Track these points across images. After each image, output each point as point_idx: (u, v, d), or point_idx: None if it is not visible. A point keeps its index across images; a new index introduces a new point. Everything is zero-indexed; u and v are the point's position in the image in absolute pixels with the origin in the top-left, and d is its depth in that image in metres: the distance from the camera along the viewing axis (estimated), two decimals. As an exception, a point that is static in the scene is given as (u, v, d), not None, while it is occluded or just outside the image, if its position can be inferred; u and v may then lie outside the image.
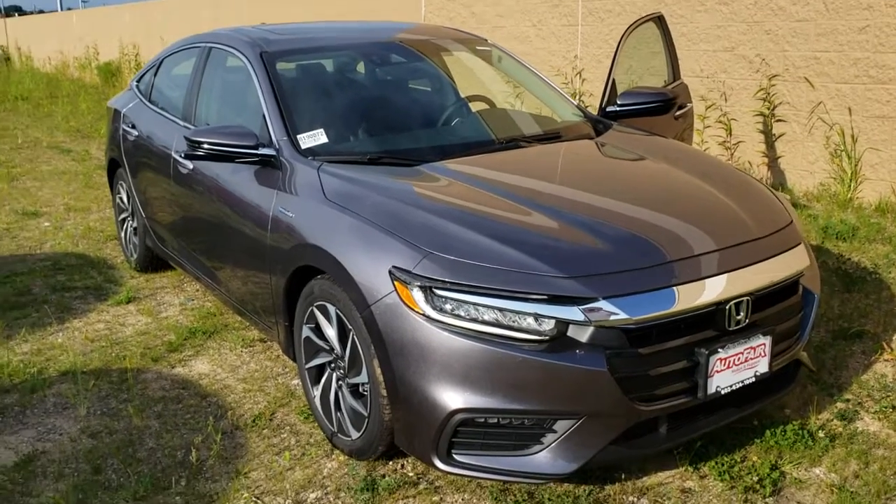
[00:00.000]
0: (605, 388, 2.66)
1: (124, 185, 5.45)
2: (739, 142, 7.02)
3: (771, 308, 3.01)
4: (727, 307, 2.82)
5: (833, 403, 3.61)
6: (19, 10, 71.98)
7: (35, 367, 4.21)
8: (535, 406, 2.68)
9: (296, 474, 3.20)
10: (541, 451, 2.74)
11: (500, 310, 2.69)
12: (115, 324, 4.79)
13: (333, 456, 3.31)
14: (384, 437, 3.00)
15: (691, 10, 7.24)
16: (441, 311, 2.71)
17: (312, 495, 3.07)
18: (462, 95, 4.36)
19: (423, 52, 4.51)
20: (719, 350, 2.82)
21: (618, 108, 4.49)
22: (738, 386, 2.92)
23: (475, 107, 4.26)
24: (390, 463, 3.21)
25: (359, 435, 3.12)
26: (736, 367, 2.89)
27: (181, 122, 4.57)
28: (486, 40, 4.77)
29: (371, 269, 2.88)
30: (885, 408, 3.51)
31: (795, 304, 3.14)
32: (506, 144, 3.78)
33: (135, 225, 5.41)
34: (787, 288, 3.09)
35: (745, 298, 2.87)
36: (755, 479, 3.03)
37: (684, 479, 3.08)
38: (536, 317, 2.68)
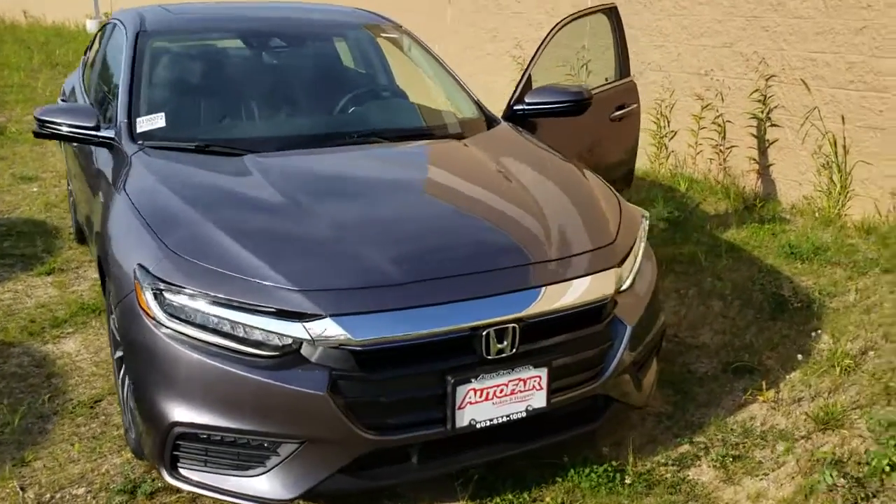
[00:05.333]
0: (324, 413, 2.47)
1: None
2: (732, 146, 6.52)
3: (550, 338, 2.72)
4: (483, 334, 2.56)
5: (677, 445, 3.28)
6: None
7: (-78, 332, 4.30)
8: (253, 427, 2.52)
9: (76, 468, 3.14)
10: (263, 473, 2.59)
11: (229, 321, 2.52)
12: (22, 294, 4.85)
13: (123, 453, 3.22)
14: (144, 439, 2.89)
15: (693, 2, 6.75)
16: (171, 316, 2.58)
17: (77, 491, 3.00)
18: (348, 84, 4.14)
19: (321, 37, 4.34)
20: (472, 380, 2.58)
21: (525, 107, 4.20)
22: (502, 420, 2.66)
23: (360, 97, 4.03)
24: (169, 465, 3.09)
25: (133, 434, 3.02)
26: (498, 400, 2.64)
27: (84, 100, 4.56)
28: (400, 27, 4.54)
29: (124, 263, 2.78)
30: (726, 456, 3.16)
31: (594, 334, 2.83)
32: (356, 139, 3.59)
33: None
34: (580, 316, 2.79)
35: (509, 325, 2.60)
36: (531, 522, 2.77)
37: (455, 515, 2.84)
38: (263, 331, 2.50)
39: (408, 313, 2.52)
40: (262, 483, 2.57)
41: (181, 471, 2.64)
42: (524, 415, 2.70)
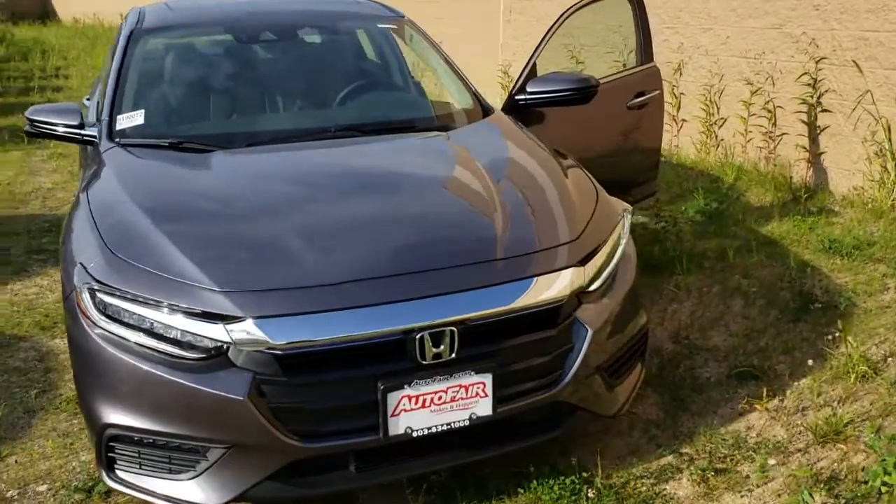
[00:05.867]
0: (246, 418, 2.39)
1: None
2: (783, 133, 6.14)
3: (495, 342, 2.56)
4: (417, 338, 2.43)
5: (660, 456, 3.06)
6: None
7: (-55, 324, 4.44)
8: (180, 430, 2.47)
9: (45, 464, 3.16)
10: (193, 478, 2.53)
11: (160, 323, 2.48)
12: (46, 290, 4.97)
13: (92, 451, 3.20)
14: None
15: (742, -19, 6.38)
16: (105, 317, 2.54)
17: (40, 488, 3.02)
18: (335, 77, 4.03)
19: (316, 30, 4.25)
20: (405, 386, 2.45)
21: (528, 97, 4.02)
22: (442, 428, 2.53)
23: (346, 90, 3.91)
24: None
25: (97, 432, 3.02)
26: (437, 407, 2.51)
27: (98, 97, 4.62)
28: (402, 16, 4.42)
29: (73, 260, 2.75)
30: (709, 469, 2.93)
31: (548, 338, 2.65)
32: (332, 134, 3.50)
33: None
34: (529, 318, 2.61)
35: (447, 329, 2.46)
36: (482, 535, 2.63)
37: (403, 526, 2.73)
38: (190, 333, 2.45)
39: (332, 316, 2.41)
40: (191, 488, 2.51)
41: (118, 472, 2.60)
42: (467, 423, 2.55)
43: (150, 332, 2.49)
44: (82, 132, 3.53)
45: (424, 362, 2.46)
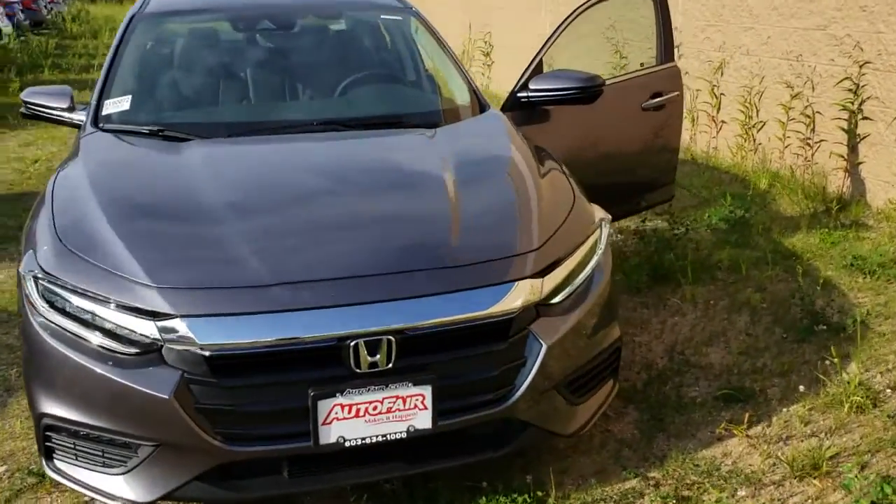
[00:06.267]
0: (171, 418, 2.34)
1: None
2: (821, 140, 5.84)
3: (437, 353, 2.46)
4: (352, 345, 2.34)
5: (625, 479, 2.91)
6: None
7: (-50, 297, 4.53)
8: (110, 425, 2.44)
9: (10, 445, 3.19)
10: (124, 473, 2.49)
11: (98, 316, 2.45)
12: (56, 267, 5.01)
13: (58, 433, 3.23)
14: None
15: (788, -21, 6.09)
16: (49, 306, 2.52)
17: (-2, 469, 3.04)
18: (328, 69, 3.92)
19: (318, 19, 4.17)
20: (338, 395, 2.37)
21: (530, 94, 3.89)
22: (378, 439, 2.44)
23: (337, 82, 3.82)
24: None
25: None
26: (372, 418, 2.42)
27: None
28: (409, 7, 4.31)
29: (28, 246, 2.74)
30: (671, 497, 2.77)
31: (496, 352, 2.52)
32: (314, 127, 3.42)
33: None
34: (475, 330, 2.49)
35: (383, 338, 2.36)
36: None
37: (339, 535, 2.65)
38: (124, 328, 2.41)
39: (262, 318, 2.34)
40: (122, 483, 2.48)
41: (56, 462, 2.58)
42: (405, 436, 2.45)
43: (89, 325, 2.45)
44: (71, 116, 3.53)
45: (359, 371, 2.37)
